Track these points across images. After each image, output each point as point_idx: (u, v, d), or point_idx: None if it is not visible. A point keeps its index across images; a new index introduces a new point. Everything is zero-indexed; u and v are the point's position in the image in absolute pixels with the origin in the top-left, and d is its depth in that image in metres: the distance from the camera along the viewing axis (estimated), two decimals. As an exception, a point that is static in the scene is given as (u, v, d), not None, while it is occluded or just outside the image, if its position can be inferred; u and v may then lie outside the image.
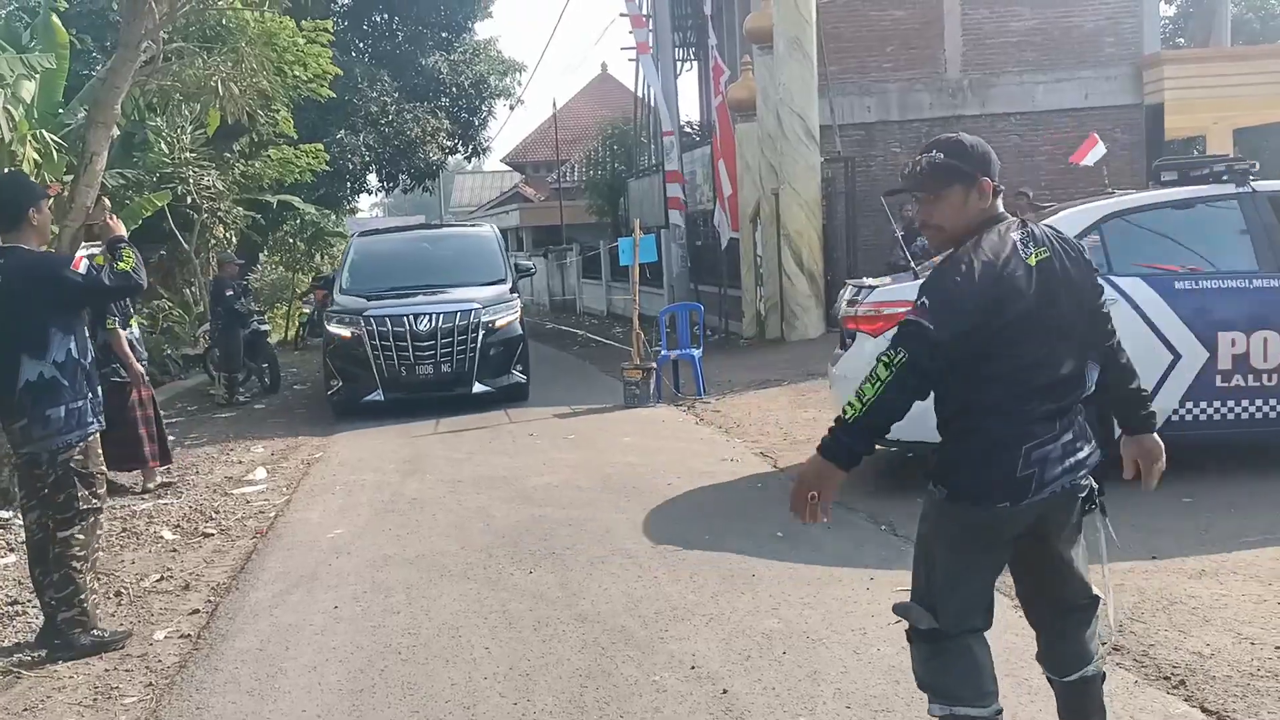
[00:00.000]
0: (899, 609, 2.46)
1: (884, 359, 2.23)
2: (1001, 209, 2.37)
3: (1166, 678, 3.08)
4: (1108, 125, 15.37)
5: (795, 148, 12.44)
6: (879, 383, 2.23)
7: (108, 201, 6.79)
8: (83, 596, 3.93)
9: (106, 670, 3.74)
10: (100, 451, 4.11)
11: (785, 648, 3.54)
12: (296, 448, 8.23)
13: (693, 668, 3.41)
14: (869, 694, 3.14)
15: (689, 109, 23.28)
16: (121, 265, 4.02)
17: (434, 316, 9.47)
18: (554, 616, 3.98)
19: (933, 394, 2.31)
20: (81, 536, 3.94)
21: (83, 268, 3.95)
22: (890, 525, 4.94)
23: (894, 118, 15.30)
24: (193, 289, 16.92)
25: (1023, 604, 2.53)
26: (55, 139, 9.95)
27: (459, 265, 10.72)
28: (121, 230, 4.31)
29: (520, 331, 9.94)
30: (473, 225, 13.70)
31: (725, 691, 3.22)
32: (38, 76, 9.68)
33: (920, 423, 2.40)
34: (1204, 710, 2.88)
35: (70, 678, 3.69)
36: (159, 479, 6.92)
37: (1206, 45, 19.05)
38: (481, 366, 9.53)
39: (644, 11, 19.00)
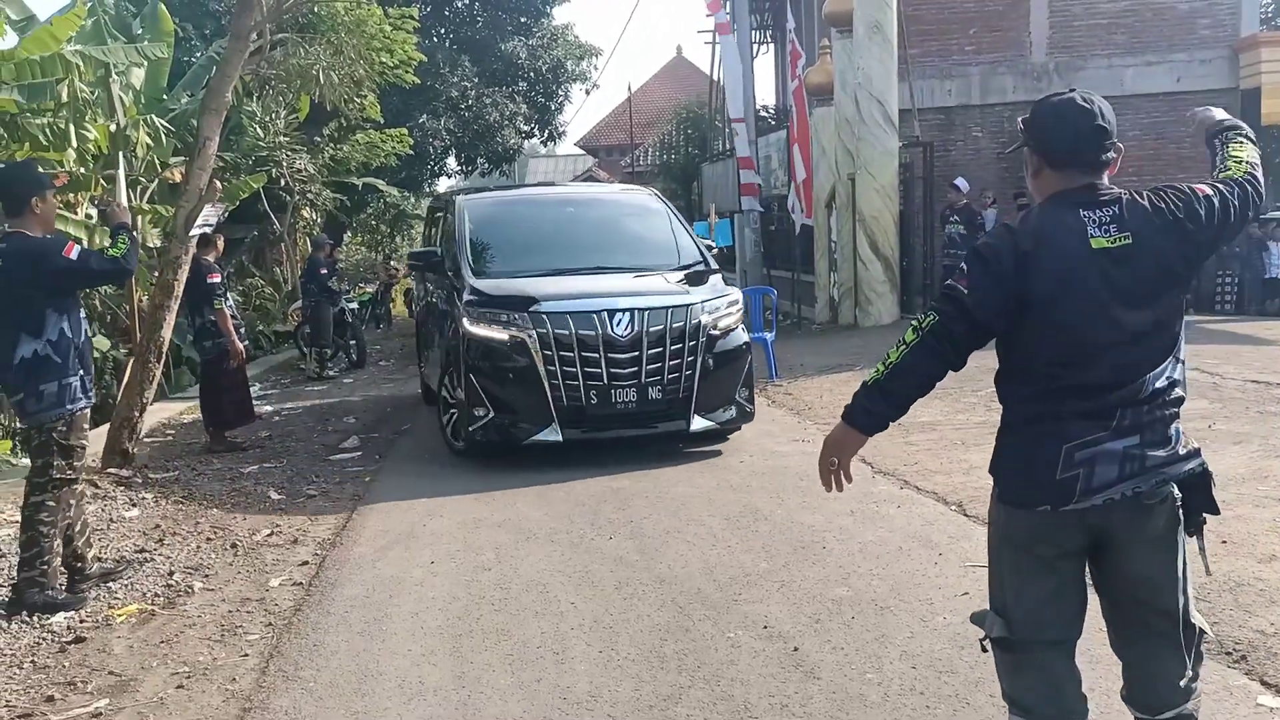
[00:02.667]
0: (976, 617, 2.36)
1: (914, 322, 2.20)
2: (1089, 183, 2.15)
3: (1229, 653, 3.19)
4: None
5: (873, 132, 12.43)
6: (904, 346, 2.17)
7: (219, 184, 7.31)
8: (45, 560, 4.14)
9: (229, 611, 4.12)
10: (85, 426, 4.29)
11: (854, 613, 3.73)
12: (386, 419, 8.67)
13: (765, 627, 3.63)
14: (934, 656, 3.32)
15: (765, 92, 23.29)
16: (113, 251, 4.30)
17: (637, 316, 6.28)
18: (633, 578, 4.24)
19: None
20: (52, 504, 4.15)
21: (74, 253, 4.22)
22: (959, 505, 5.07)
23: (975, 101, 15.14)
24: (281, 268, 17.68)
25: (1106, 626, 2.30)
26: (163, 123, 10.58)
27: (631, 242, 7.58)
28: (126, 219, 4.61)
29: (747, 339, 6.87)
30: (621, 188, 9.52)
31: (796, 649, 3.43)
32: (146, 65, 10.30)
33: None
34: (1263, 684, 2.99)
35: (199, 616, 4.09)
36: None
37: (1310, 26, 18.30)
38: (702, 391, 6.43)
39: (722, -5, 19.05)
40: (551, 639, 3.63)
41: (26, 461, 6.96)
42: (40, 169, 5.09)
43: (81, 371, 4.24)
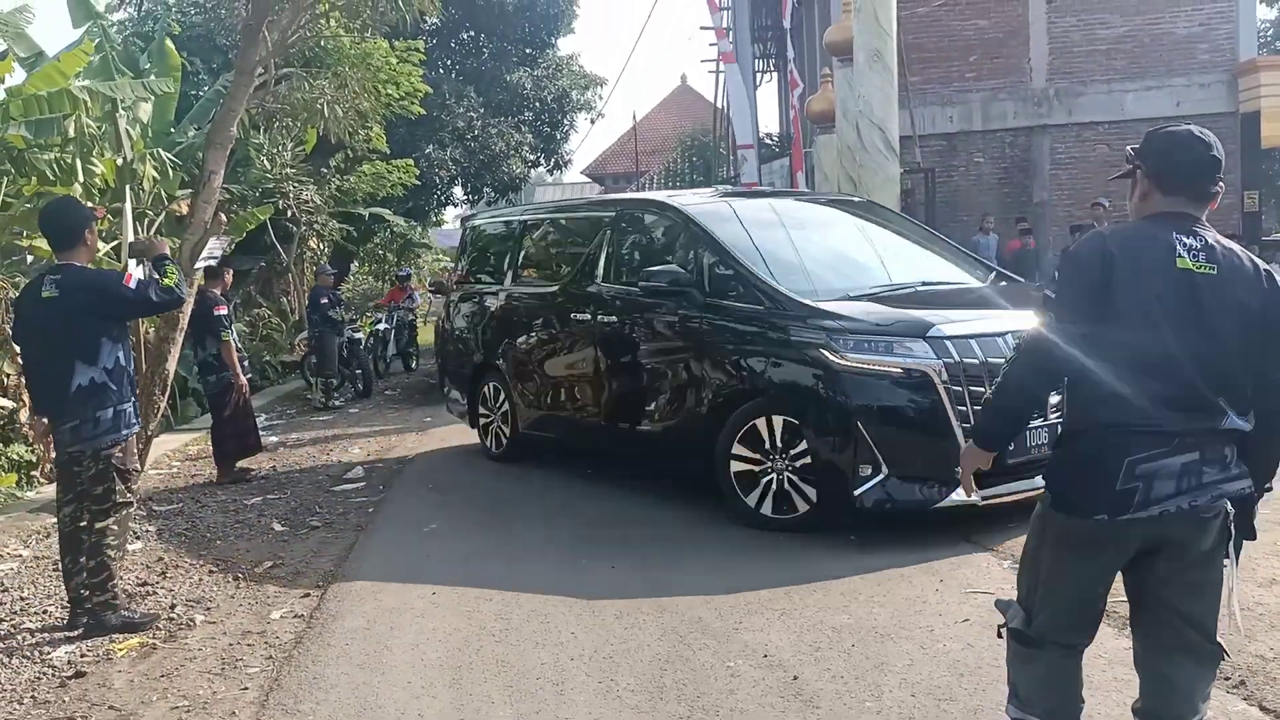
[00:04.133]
0: (1000, 604, 2.46)
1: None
2: (1186, 213, 2.25)
3: (1227, 678, 3.16)
4: (1200, 133, 15.03)
5: (874, 159, 12.47)
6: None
7: (224, 217, 7.39)
8: (114, 582, 4.32)
9: (230, 645, 4.12)
10: (135, 451, 4.50)
11: (854, 641, 3.71)
12: (390, 448, 8.68)
13: (765, 656, 3.62)
14: (933, 684, 3.30)
15: (768, 120, 23.47)
16: (166, 281, 4.42)
17: None
18: (635, 606, 4.22)
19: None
20: (116, 527, 4.33)
21: (132, 283, 4.35)
22: (964, 532, 5.05)
23: (977, 128, 15.24)
24: (289, 298, 17.78)
25: (1133, 635, 2.38)
26: (170, 157, 10.70)
27: (932, 253, 6.57)
28: (165, 250, 4.73)
29: None
30: (829, 195, 8.14)
31: (796, 678, 3.42)
32: (153, 99, 10.43)
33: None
34: (1262, 709, 2.98)
35: (199, 650, 4.08)
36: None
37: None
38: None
39: (725, 24, 19.29)
40: (551, 670, 3.62)
41: (33, 495, 7.02)
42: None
43: (133, 398, 4.38)
